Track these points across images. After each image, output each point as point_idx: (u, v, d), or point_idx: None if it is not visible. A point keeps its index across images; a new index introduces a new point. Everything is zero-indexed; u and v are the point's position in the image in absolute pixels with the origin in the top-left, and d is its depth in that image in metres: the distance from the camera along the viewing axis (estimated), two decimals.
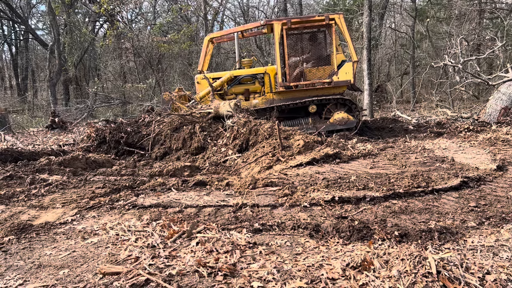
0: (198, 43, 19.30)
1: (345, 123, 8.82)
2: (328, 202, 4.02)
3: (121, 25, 18.85)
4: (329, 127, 8.79)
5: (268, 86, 9.10)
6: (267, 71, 9.12)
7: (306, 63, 9.09)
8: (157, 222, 3.61)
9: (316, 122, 8.89)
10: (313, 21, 8.79)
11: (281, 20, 8.73)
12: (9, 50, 33.43)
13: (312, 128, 8.74)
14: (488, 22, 19.86)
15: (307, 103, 8.81)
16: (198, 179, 5.13)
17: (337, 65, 8.92)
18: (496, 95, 9.57)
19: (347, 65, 8.89)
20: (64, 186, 5.08)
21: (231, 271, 2.62)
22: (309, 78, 8.92)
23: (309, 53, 9.18)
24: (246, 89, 9.13)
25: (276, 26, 8.67)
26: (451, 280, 2.38)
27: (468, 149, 6.58)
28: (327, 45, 9.06)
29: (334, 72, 8.88)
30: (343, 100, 8.96)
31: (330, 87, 8.95)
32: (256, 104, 8.88)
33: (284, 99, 8.99)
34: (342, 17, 8.82)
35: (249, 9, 23.50)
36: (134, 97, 18.07)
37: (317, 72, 8.94)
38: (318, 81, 8.88)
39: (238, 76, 9.13)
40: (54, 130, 12.49)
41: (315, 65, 9.04)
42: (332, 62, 8.93)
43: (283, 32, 8.65)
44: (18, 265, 2.89)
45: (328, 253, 2.92)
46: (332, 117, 8.85)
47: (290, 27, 8.66)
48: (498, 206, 3.82)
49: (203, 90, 8.73)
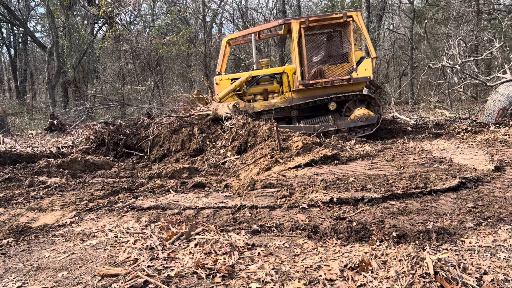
0: (196, 45, 19.32)
1: (366, 119, 8.84)
2: (326, 204, 4.03)
3: (119, 27, 18.88)
4: (350, 123, 8.85)
5: (287, 85, 9.15)
6: (285, 71, 9.19)
7: (325, 60, 9.14)
8: (155, 224, 3.62)
9: (337, 119, 8.93)
10: (331, 19, 8.84)
11: (299, 19, 8.80)
12: (7, 53, 33.44)
13: (333, 125, 8.79)
14: (486, 23, 19.91)
15: (326, 100, 8.86)
16: (197, 180, 5.14)
17: (356, 62, 8.97)
18: (494, 96, 9.59)
19: (366, 61, 8.92)
20: (63, 188, 5.09)
21: (229, 272, 2.63)
22: (328, 75, 8.94)
23: (327, 51, 9.24)
24: (265, 89, 9.16)
25: (294, 25, 8.73)
26: (449, 281, 2.39)
27: (466, 150, 6.60)
28: (345, 43, 9.09)
29: (353, 69, 8.91)
30: (363, 96, 9.01)
31: (349, 84, 8.98)
32: (275, 104, 8.93)
33: (303, 97, 9.01)
34: (359, 14, 8.90)
35: (248, 11, 23.54)
36: (133, 99, 18.08)
37: (335, 70, 8.98)
38: (337, 78, 8.89)
39: (256, 76, 9.17)
40: (53, 133, 12.49)
41: (333, 63, 9.08)
42: (350, 59, 8.96)
43: (301, 30, 8.71)
44: (17, 267, 2.89)
45: (326, 254, 2.93)
46: (353, 114, 8.88)
47: (308, 26, 8.73)
48: (496, 207, 3.84)
49: (223, 91, 8.74)
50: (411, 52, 18.58)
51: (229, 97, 8.83)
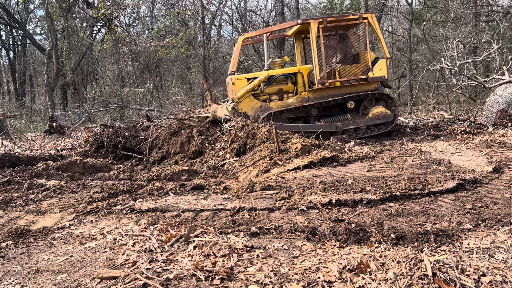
0: (195, 48, 19.33)
1: (383, 117, 9.06)
2: (325, 205, 4.03)
3: (119, 30, 18.89)
4: (369, 121, 9.04)
5: (301, 85, 9.18)
6: (300, 70, 9.24)
7: (341, 60, 9.33)
8: (154, 226, 3.62)
9: (355, 117, 9.08)
10: (347, 20, 9.05)
11: (317, 19, 8.92)
12: (7, 55, 33.45)
13: (353, 123, 8.93)
14: (484, 25, 19.95)
15: (345, 99, 8.99)
16: (196, 183, 5.14)
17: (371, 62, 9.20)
18: (492, 98, 9.61)
19: (381, 61, 9.17)
20: (62, 191, 5.09)
21: (228, 274, 2.63)
22: (344, 75, 9.09)
23: (343, 51, 9.45)
24: (280, 89, 9.17)
25: (313, 25, 8.82)
26: (447, 282, 2.40)
27: (464, 151, 6.61)
28: (361, 43, 9.30)
29: (369, 69, 9.10)
30: (380, 95, 9.23)
31: (363, 83, 9.16)
32: (292, 103, 8.97)
33: (319, 97, 9.10)
34: (374, 16, 9.14)
35: (247, 13, 23.57)
36: (132, 102, 18.08)
37: (351, 69, 9.14)
38: (354, 78, 9.06)
39: (273, 75, 9.19)
40: (52, 135, 12.49)
41: (349, 63, 9.28)
42: (366, 59, 9.15)
43: (320, 31, 8.82)
44: (16, 270, 2.89)
45: (325, 256, 2.93)
46: (371, 112, 9.05)
47: (325, 26, 8.87)
48: (494, 208, 3.84)
49: (241, 90, 8.73)
50: (410, 53, 18.62)
51: (246, 97, 8.85)
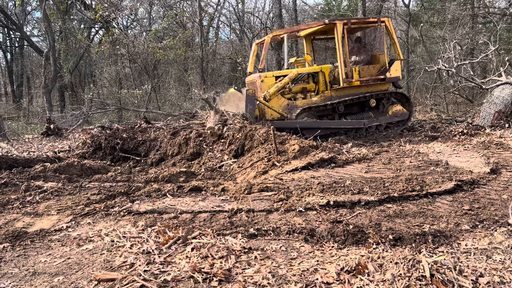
0: (193, 49, 19.32)
1: (401, 115, 9.70)
2: (323, 207, 4.03)
3: (116, 31, 18.88)
4: (388, 119, 9.62)
5: (323, 84, 9.43)
6: (322, 70, 9.49)
7: (361, 61, 9.73)
8: (152, 228, 3.61)
9: (377, 115, 9.56)
10: (368, 22, 9.61)
11: (342, 20, 9.26)
12: (4, 57, 33.37)
13: (376, 120, 9.47)
14: (481, 27, 20.02)
15: (368, 97, 9.44)
16: (194, 184, 5.13)
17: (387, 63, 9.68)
18: (489, 99, 9.64)
19: (397, 63, 9.71)
20: (59, 193, 5.07)
21: (226, 276, 2.63)
22: (363, 75, 9.44)
23: (363, 52, 9.90)
24: (304, 87, 9.37)
25: (339, 25, 9.11)
26: (445, 283, 2.40)
27: (462, 152, 6.63)
28: (379, 45, 9.78)
29: (386, 69, 9.55)
30: (398, 94, 9.89)
31: (379, 83, 9.63)
32: (316, 102, 9.15)
33: (340, 95, 9.39)
34: (390, 20, 9.76)
35: (244, 14, 23.59)
36: (129, 103, 18.04)
37: (369, 69, 9.55)
38: (374, 78, 9.50)
39: (301, 74, 9.35)
40: (49, 137, 12.44)
41: (368, 63, 9.74)
42: (383, 60, 9.61)
43: (344, 32, 9.11)
44: (13, 272, 2.88)
45: (323, 257, 2.93)
46: (391, 110, 9.64)
47: (349, 27, 9.22)
48: (492, 209, 3.85)
49: (271, 89, 8.75)
50: (407, 55, 18.64)
51: (275, 96, 8.92)
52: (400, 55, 9.82)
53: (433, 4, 21.00)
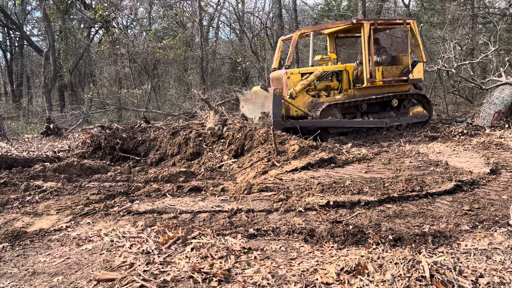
0: (193, 49, 19.31)
1: (421, 116, 9.73)
2: (323, 207, 4.03)
3: (116, 31, 18.86)
4: (409, 119, 9.63)
5: (346, 83, 9.45)
6: (347, 68, 9.51)
7: (384, 61, 9.76)
8: (152, 228, 3.61)
9: (398, 115, 9.62)
10: (394, 24, 9.68)
11: (369, 21, 9.32)
12: (4, 57, 33.35)
13: (397, 120, 9.50)
14: (481, 27, 20.02)
15: (391, 97, 9.49)
16: (193, 184, 5.13)
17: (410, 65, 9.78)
18: (489, 99, 9.64)
19: (419, 64, 9.77)
20: (59, 192, 5.06)
21: (225, 276, 2.62)
22: (386, 75, 9.49)
23: (387, 52, 9.92)
24: (328, 85, 9.39)
25: (366, 25, 9.14)
26: (445, 284, 2.40)
27: (462, 153, 6.63)
28: (403, 46, 9.83)
29: (409, 71, 9.61)
30: (420, 96, 10.00)
31: (400, 84, 9.69)
32: (339, 100, 9.16)
33: (362, 94, 9.44)
34: (415, 22, 9.76)
35: (244, 14, 23.58)
36: (129, 103, 18.02)
37: (392, 70, 9.59)
38: (398, 79, 9.56)
39: (326, 71, 9.36)
40: (49, 137, 12.42)
41: (391, 64, 9.76)
42: (407, 61, 9.67)
43: (371, 32, 9.15)
44: (12, 272, 2.87)
45: (322, 257, 2.93)
46: (412, 111, 9.68)
47: (376, 28, 9.26)
48: (492, 210, 3.85)
49: (297, 86, 8.71)
50: None
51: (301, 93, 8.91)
52: (423, 57, 9.88)
53: (433, 4, 20.99)
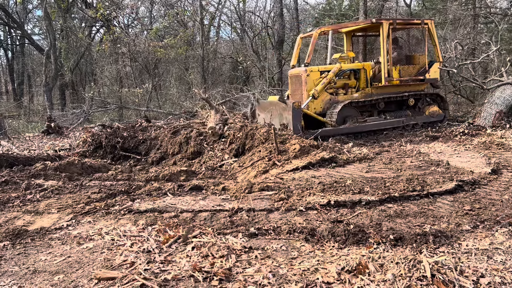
0: (194, 48, 19.30)
1: (436, 116, 9.81)
2: (323, 206, 4.03)
3: (117, 30, 18.85)
4: (425, 119, 9.71)
5: (364, 81, 9.48)
6: (364, 67, 9.55)
7: (402, 60, 9.86)
8: (152, 227, 3.61)
9: (415, 114, 9.68)
10: (412, 24, 9.78)
11: (388, 20, 9.36)
12: (5, 55, 33.33)
13: (414, 119, 9.54)
14: (482, 27, 19.97)
15: (408, 96, 9.52)
16: (194, 183, 5.13)
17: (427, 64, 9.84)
18: (490, 99, 9.62)
19: (436, 65, 9.85)
20: (60, 191, 5.07)
21: (226, 275, 2.62)
22: (404, 75, 9.54)
23: (405, 52, 10.08)
24: (346, 83, 9.41)
25: (385, 25, 9.18)
26: (446, 284, 2.40)
27: (463, 153, 6.62)
28: (421, 46, 9.95)
29: (425, 70, 9.69)
30: (435, 95, 10.13)
31: (417, 83, 9.74)
32: (357, 98, 9.18)
33: (380, 93, 9.48)
34: (433, 23, 9.80)
35: (245, 14, 23.56)
36: (130, 102, 18.02)
37: (408, 70, 9.66)
38: (414, 78, 9.62)
39: (343, 69, 9.37)
40: (50, 135, 12.43)
41: (409, 63, 9.85)
42: (424, 61, 9.75)
43: (390, 31, 9.19)
44: (13, 270, 2.88)
45: (323, 257, 2.93)
46: (428, 110, 9.78)
47: (394, 27, 9.33)
48: (493, 210, 3.85)
49: (319, 84, 8.70)
50: None
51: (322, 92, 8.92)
52: (440, 57, 9.94)
53: (435, 4, 20.95)
